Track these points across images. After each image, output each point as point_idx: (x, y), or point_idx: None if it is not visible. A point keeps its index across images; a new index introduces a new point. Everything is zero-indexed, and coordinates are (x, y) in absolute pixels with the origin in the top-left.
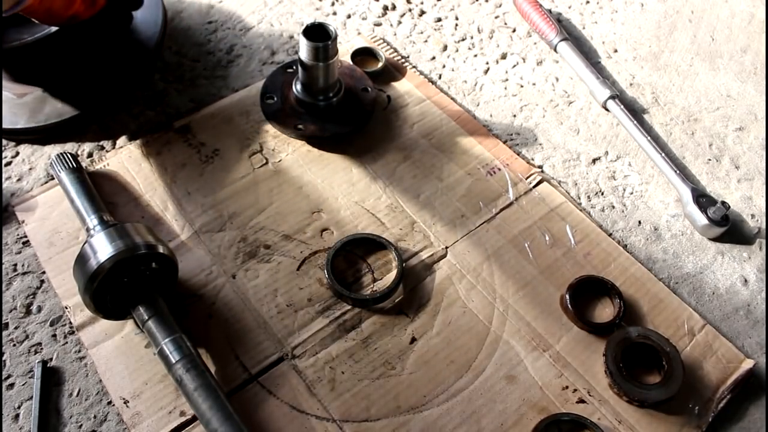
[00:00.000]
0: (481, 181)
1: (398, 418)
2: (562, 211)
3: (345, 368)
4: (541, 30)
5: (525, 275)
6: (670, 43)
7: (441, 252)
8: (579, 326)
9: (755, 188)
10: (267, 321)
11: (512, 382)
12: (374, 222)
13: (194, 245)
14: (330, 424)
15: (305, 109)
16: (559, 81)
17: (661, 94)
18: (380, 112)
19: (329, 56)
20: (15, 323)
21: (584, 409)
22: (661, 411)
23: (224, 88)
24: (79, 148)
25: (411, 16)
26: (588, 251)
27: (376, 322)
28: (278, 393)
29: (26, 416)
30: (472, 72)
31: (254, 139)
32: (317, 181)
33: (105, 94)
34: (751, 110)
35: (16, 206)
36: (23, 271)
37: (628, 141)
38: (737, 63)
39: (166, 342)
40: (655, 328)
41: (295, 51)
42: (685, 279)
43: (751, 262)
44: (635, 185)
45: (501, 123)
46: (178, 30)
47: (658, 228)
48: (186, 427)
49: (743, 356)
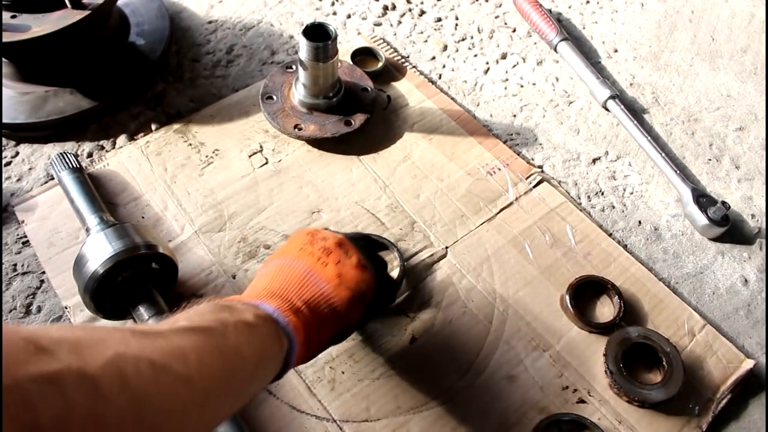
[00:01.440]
0: (481, 181)
1: (398, 418)
2: (562, 211)
3: (345, 368)
4: (541, 30)
5: (525, 275)
6: (670, 43)
7: (441, 252)
8: (579, 326)
9: (755, 188)
10: None
11: (512, 382)
12: (374, 222)
13: (194, 245)
14: (330, 424)
15: (305, 109)
16: (559, 81)
17: (661, 94)
18: (380, 112)
19: (329, 56)
20: (15, 323)
21: (584, 409)
22: (661, 411)
23: (224, 88)
24: (79, 148)
25: (411, 16)
26: (588, 251)
27: (375, 321)
28: (278, 393)
29: None
30: (472, 72)
31: (254, 139)
32: (317, 181)
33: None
34: (752, 110)
35: (16, 206)
36: (23, 271)
37: (628, 141)
38: (737, 63)
39: None
40: (655, 328)
41: (295, 51)
42: (685, 279)
43: (751, 262)
44: (635, 185)
45: (501, 123)
46: (178, 30)
47: (659, 228)
48: None
49: (743, 356)
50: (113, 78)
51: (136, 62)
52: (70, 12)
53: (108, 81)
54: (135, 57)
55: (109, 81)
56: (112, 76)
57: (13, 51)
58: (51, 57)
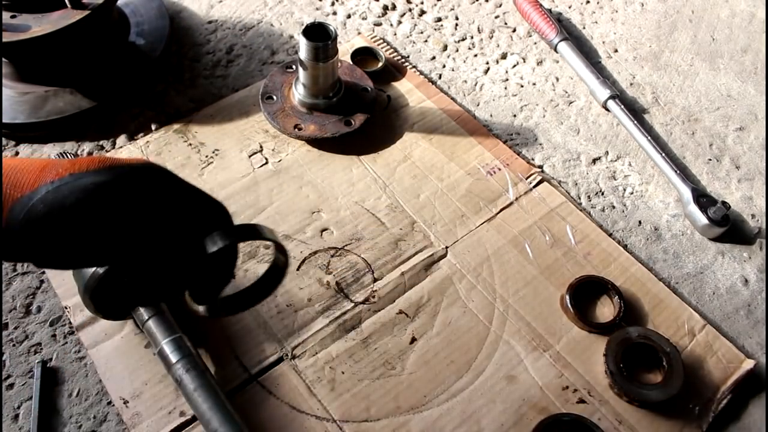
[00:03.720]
0: (481, 181)
1: (398, 418)
2: (562, 211)
3: (345, 368)
4: (542, 30)
5: (525, 275)
6: (670, 43)
7: (441, 252)
8: (579, 326)
9: (756, 188)
10: (267, 321)
11: (512, 382)
12: (374, 222)
13: None
14: (330, 424)
15: (305, 109)
16: (560, 81)
17: (661, 94)
18: (380, 112)
19: (329, 56)
20: (15, 323)
21: (584, 410)
22: (661, 411)
23: (224, 88)
24: (79, 148)
25: (411, 16)
26: (588, 251)
27: (376, 322)
28: (278, 393)
29: (26, 416)
30: (472, 72)
31: (254, 139)
32: (317, 181)
33: (107, 96)
34: (752, 110)
35: None
36: (23, 271)
37: (629, 141)
38: (738, 63)
39: (166, 342)
40: (655, 328)
41: (295, 51)
42: (685, 279)
43: (751, 262)
44: (635, 185)
45: (501, 123)
46: (178, 30)
47: (659, 228)
48: (186, 427)
49: (744, 356)
50: (113, 78)
51: (136, 62)
52: (70, 12)
53: (108, 81)
54: (135, 57)
55: (109, 81)
56: (112, 76)
57: (13, 51)
58: (51, 57)
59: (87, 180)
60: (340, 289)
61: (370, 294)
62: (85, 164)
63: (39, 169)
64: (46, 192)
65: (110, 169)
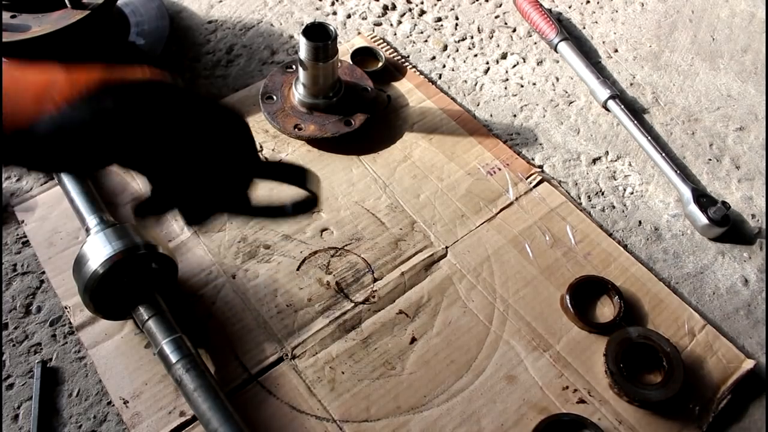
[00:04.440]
0: (481, 181)
1: (398, 418)
2: (562, 211)
3: (345, 368)
4: (542, 30)
5: (525, 275)
6: (670, 43)
7: (441, 252)
8: (579, 326)
9: (756, 188)
10: (267, 321)
11: (512, 382)
12: (374, 222)
13: (194, 245)
14: (330, 424)
15: (305, 109)
16: (560, 81)
17: (661, 93)
18: (380, 112)
19: (329, 56)
20: (15, 323)
21: (584, 410)
22: (661, 411)
23: (224, 88)
24: None
25: (411, 16)
26: (588, 251)
27: (376, 322)
28: (278, 393)
29: (26, 416)
30: (472, 72)
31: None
32: None
33: None
34: (752, 110)
35: (16, 206)
36: (23, 271)
37: (629, 141)
38: (738, 63)
39: (166, 342)
40: (655, 328)
41: (295, 51)
42: (685, 279)
43: (751, 262)
44: (635, 185)
45: (501, 123)
46: (178, 30)
47: (659, 228)
48: (186, 427)
49: (744, 356)
50: None
51: (136, 62)
52: (70, 12)
53: None
54: (135, 57)
55: None
56: None
57: (13, 51)
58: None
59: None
60: (340, 289)
61: (370, 294)
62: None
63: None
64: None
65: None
